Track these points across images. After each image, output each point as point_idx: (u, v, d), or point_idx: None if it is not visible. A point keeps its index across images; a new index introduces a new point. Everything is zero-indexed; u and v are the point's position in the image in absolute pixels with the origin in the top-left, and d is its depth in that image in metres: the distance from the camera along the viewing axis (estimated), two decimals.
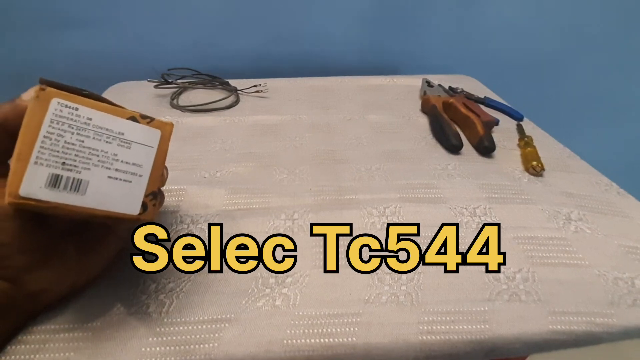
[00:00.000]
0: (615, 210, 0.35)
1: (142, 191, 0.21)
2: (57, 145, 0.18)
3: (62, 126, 0.19)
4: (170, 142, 0.23)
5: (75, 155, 0.19)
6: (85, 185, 0.19)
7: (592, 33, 0.76)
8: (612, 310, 0.25)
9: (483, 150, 0.43)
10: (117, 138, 0.20)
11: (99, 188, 0.19)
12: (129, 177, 0.20)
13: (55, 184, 0.18)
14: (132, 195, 0.21)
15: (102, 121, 0.20)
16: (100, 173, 0.20)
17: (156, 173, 0.21)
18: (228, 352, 0.22)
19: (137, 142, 0.21)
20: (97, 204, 0.19)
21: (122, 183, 0.20)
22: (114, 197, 0.20)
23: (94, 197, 0.19)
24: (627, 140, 0.94)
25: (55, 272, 0.23)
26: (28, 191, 0.18)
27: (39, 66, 0.68)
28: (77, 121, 0.19)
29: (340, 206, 0.34)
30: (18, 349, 0.22)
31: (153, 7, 0.64)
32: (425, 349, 0.24)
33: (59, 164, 0.18)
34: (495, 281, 0.27)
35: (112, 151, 0.20)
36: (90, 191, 0.19)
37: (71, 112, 0.19)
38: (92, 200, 0.19)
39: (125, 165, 0.20)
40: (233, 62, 0.71)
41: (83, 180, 0.19)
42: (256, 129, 0.49)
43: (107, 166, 0.20)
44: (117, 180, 0.20)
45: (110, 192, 0.20)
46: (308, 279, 0.27)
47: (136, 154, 0.21)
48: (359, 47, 0.72)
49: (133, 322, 0.24)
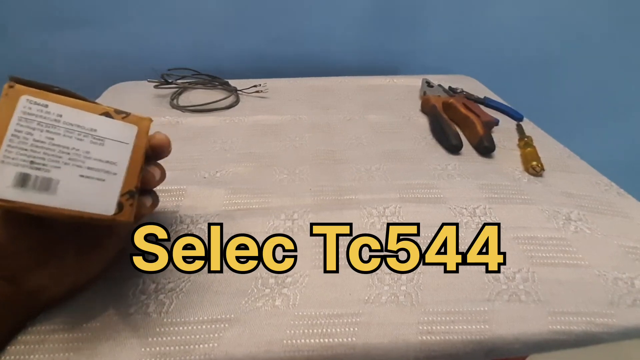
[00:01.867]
0: (615, 210, 0.35)
1: (117, 190, 0.20)
2: (26, 143, 0.18)
3: (31, 124, 0.18)
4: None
5: (44, 154, 0.18)
6: (56, 184, 0.18)
7: (592, 33, 0.76)
8: (612, 310, 0.25)
9: (483, 150, 0.43)
10: (89, 135, 0.19)
11: (70, 187, 0.19)
12: (102, 176, 0.20)
13: (23, 183, 0.18)
14: (106, 195, 0.20)
15: (73, 118, 0.19)
16: (71, 172, 0.19)
17: (133, 171, 0.21)
18: (228, 352, 0.22)
19: (111, 138, 0.20)
20: (68, 203, 0.19)
21: (95, 182, 0.19)
22: (86, 196, 0.19)
23: (64, 197, 0.19)
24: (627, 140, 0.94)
25: (54, 272, 0.23)
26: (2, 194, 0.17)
27: (39, 66, 0.68)
28: (46, 118, 0.19)
29: (340, 206, 0.34)
30: (18, 348, 0.22)
31: (153, 7, 0.64)
32: (425, 349, 0.24)
33: (27, 163, 0.18)
34: (495, 281, 0.27)
35: (83, 149, 0.19)
36: (61, 190, 0.19)
37: (40, 110, 0.18)
38: (63, 200, 0.19)
39: (98, 163, 0.20)
40: (233, 62, 0.71)
41: (53, 180, 0.18)
42: (256, 129, 0.49)
43: (78, 164, 0.19)
44: (90, 179, 0.19)
45: (82, 192, 0.19)
46: (308, 279, 0.27)
47: (110, 151, 0.20)
48: (359, 47, 0.72)
49: (133, 322, 0.24)
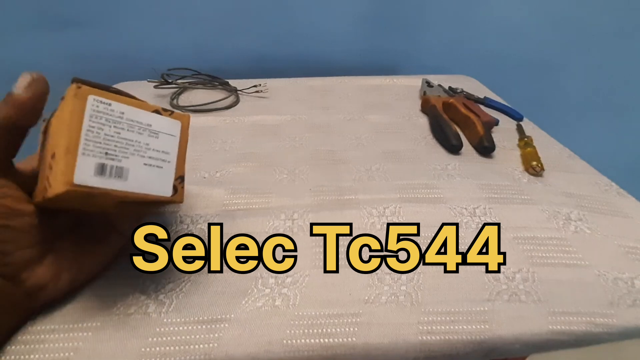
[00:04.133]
0: (615, 210, 0.35)
1: (171, 175, 0.23)
2: (99, 137, 0.20)
3: (100, 120, 0.20)
4: None
5: (115, 146, 0.21)
6: (127, 172, 0.21)
7: (592, 33, 0.76)
8: (612, 311, 0.25)
9: (483, 150, 0.43)
10: (146, 129, 0.22)
11: (138, 174, 0.21)
12: (160, 164, 0.23)
13: (102, 171, 0.20)
14: (164, 179, 0.23)
15: (133, 114, 0.22)
16: (137, 161, 0.22)
17: (181, 159, 0.24)
18: (228, 352, 0.22)
19: (163, 132, 0.23)
20: (138, 188, 0.21)
21: (155, 169, 0.22)
22: (150, 181, 0.22)
23: (134, 182, 0.21)
24: (627, 140, 0.94)
25: (53, 269, 0.23)
26: (81, 179, 0.19)
27: (39, 66, 0.68)
28: (112, 115, 0.21)
29: (340, 206, 0.34)
30: (18, 348, 0.22)
31: (153, 7, 0.64)
32: (425, 349, 0.24)
33: (103, 154, 0.20)
34: (495, 281, 0.27)
35: (144, 141, 0.22)
36: (131, 177, 0.21)
37: (106, 108, 0.20)
38: (133, 185, 0.21)
39: (156, 153, 0.23)
40: (233, 62, 0.71)
41: (124, 168, 0.21)
42: (256, 129, 0.49)
43: (141, 154, 0.22)
44: (151, 167, 0.22)
45: (146, 177, 0.22)
46: (308, 279, 0.27)
47: (163, 142, 0.23)
48: (358, 47, 0.72)
49: (133, 322, 0.24)
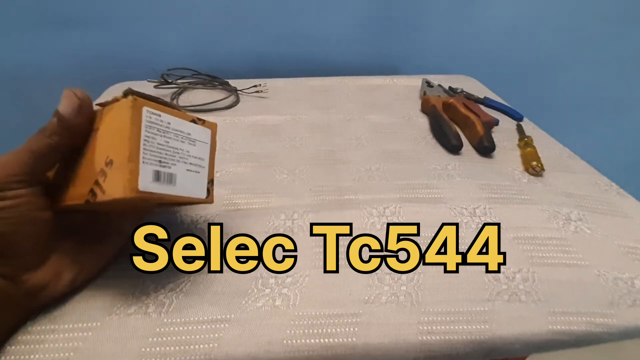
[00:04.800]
0: (615, 210, 0.35)
1: (205, 179, 0.25)
2: (153, 146, 0.22)
3: (153, 130, 0.22)
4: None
5: (166, 154, 0.22)
6: (175, 177, 0.23)
7: (592, 33, 0.76)
8: (612, 311, 0.25)
9: (483, 150, 0.43)
10: (187, 138, 0.24)
11: (183, 179, 0.23)
12: (197, 169, 0.25)
13: (158, 178, 0.22)
14: (201, 183, 0.25)
15: (177, 124, 0.23)
16: (182, 167, 0.24)
17: (211, 164, 0.26)
18: (228, 352, 0.22)
19: (199, 140, 0.25)
20: (184, 192, 0.24)
21: (194, 174, 0.25)
22: (191, 185, 0.24)
23: (181, 187, 0.23)
24: (627, 140, 0.94)
25: (53, 270, 0.23)
26: (144, 186, 0.21)
27: (39, 66, 0.68)
28: (162, 125, 0.22)
29: (340, 206, 0.34)
30: (18, 349, 0.22)
31: (153, 7, 0.64)
32: (425, 349, 0.24)
33: (157, 162, 0.22)
34: (495, 281, 0.27)
35: (186, 149, 0.24)
36: (179, 182, 0.23)
37: (157, 118, 0.22)
38: (180, 189, 0.23)
39: (195, 160, 0.25)
40: (233, 62, 0.71)
41: (173, 174, 0.23)
42: (256, 129, 0.49)
43: (185, 161, 0.24)
44: (191, 172, 0.24)
45: (189, 182, 0.24)
46: (308, 279, 0.27)
47: (199, 149, 0.25)
48: (358, 47, 0.72)
49: (133, 322, 0.24)
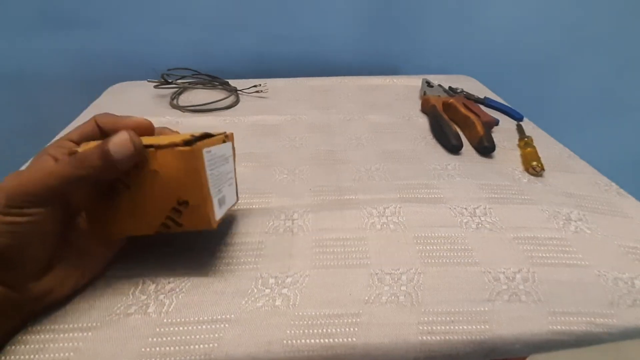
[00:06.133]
0: (615, 210, 0.35)
1: (235, 186, 0.29)
2: (213, 179, 0.24)
3: (210, 165, 0.24)
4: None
5: (218, 182, 0.25)
6: (225, 198, 0.27)
7: (592, 33, 0.76)
8: (612, 311, 0.25)
9: (483, 150, 0.43)
10: (224, 159, 0.27)
11: (226, 194, 0.27)
12: (231, 182, 0.28)
13: (220, 205, 0.25)
14: (234, 192, 0.29)
15: (219, 151, 0.26)
16: (227, 186, 0.27)
17: (235, 172, 0.30)
18: (228, 352, 0.22)
19: (228, 155, 0.28)
20: (228, 204, 0.28)
21: (230, 187, 0.28)
22: (230, 197, 0.28)
23: (228, 202, 0.27)
24: (627, 140, 0.94)
25: (58, 276, 0.23)
26: (218, 217, 0.25)
27: (39, 66, 0.68)
28: (212, 158, 0.25)
29: (340, 206, 0.34)
30: (18, 349, 0.22)
31: (153, 7, 0.64)
32: (425, 349, 0.24)
33: (217, 192, 0.25)
34: (495, 281, 0.27)
35: (225, 169, 0.27)
36: (226, 200, 0.27)
37: (209, 154, 0.24)
38: (227, 204, 0.27)
39: (230, 174, 0.28)
40: (233, 62, 0.71)
41: (224, 196, 0.26)
42: (256, 129, 0.49)
43: (226, 180, 0.27)
44: (229, 186, 0.28)
45: (229, 195, 0.28)
46: (308, 279, 0.27)
47: (229, 164, 0.28)
48: (358, 47, 0.72)
49: (133, 322, 0.24)
